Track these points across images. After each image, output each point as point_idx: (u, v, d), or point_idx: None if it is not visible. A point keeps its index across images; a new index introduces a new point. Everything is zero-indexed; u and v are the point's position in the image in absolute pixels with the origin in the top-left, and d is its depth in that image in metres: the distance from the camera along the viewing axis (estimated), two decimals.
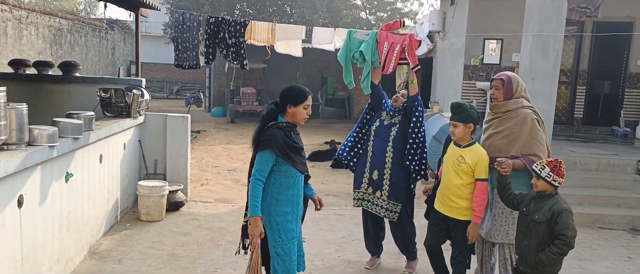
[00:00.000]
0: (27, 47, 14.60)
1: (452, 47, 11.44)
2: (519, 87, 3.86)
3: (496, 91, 3.90)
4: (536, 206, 3.37)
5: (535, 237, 3.35)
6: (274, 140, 3.20)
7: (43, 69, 7.53)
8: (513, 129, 3.76)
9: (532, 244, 3.37)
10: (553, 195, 3.34)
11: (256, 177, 3.18)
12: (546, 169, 3.30)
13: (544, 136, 3.80)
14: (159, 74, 28.28)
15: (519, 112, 3.78)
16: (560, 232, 3.23)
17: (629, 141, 9.78)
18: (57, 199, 4.17)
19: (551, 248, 3.26)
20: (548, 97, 7.38)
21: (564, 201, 3.33)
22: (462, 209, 3.87)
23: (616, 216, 6.58)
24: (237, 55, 7.56)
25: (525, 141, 3.72)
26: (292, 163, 3.28)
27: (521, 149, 3.72)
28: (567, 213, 3.26)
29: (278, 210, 3.29)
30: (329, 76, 19.18)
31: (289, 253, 3.31)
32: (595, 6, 7.28)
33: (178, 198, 6.55)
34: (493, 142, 3.85)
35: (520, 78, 3.96)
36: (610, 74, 10.60)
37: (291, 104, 3.30)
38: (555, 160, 3.33)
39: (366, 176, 4.61)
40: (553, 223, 3.26)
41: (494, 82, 3.92)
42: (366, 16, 23.56)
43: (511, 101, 3.82)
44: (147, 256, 4.96)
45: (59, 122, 4.23)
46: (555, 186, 3.31)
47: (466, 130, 3.80)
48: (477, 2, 10.23)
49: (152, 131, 6.78)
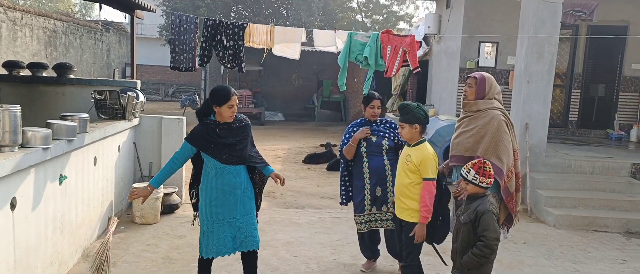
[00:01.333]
0: (21, 49, 14.54)
1: (447, 50, 11.46)
2: (491, 88, 3.84)
3: (469, 88, 3.90)
4: (465, 207, 3.36)
5: (461, 239, 3.32)
6: (192, 134, 3.71)
7: (37, 70, 7.50)
8: (480, 128, 3.75)
9: (459, 247, 3.33)
10: (481, 196, 3.29)
11: (171, 158, 3.76)
12: (472, 172, 3.27)
13: (512, 139, 3.77)
14: (154, 76, 28.24)
15: (488, 112, 3.77)
16: (482, 233, 3.17)
17: (624, 144, 9.83)
18: (51, 201, 4.14)
19: (473, 250, 3.20)
20: (543, 100, 7.42)
21: (490, 203, 3.27)
22: (411, 210, 3.78)
23: (611, 219, 6.59)
24: (235, 58, 7.56)
25: (490, 141, 3.70)
26: (212, 155, 3.65)
27: (486, 150, 3.70)
28: (489, 214, 3.18)
29: (205, 194, 3.76)
30: (325, 78, 19.20)
31: (212, 230, 3.75)
32: (590, 10, 7.33)
33: (173, 201, 6.52)
34: (461, 141, 3.85)
35: (495, 81, 3.94)
36: (604, 77, 10.66)
37: (216, 104, 3.64)
38: (479, 161, 3.29)
39: (368, 198, 4.49)
40: (477, 224, 3.21)
41: (468, 80, 3.93)
42: (362, 19, 23.62)
43: (482, 100, 3.81)
44: (142, 259, 4.93)
45: (53, 124, 4.20)
46: (484, 187, 3.27)
47: (412, 131, 3.72)
48: (472, 5, 10.26)
49: (147, 133, 6.75)
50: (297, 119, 18.98)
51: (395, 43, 7.48)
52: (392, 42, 7.49)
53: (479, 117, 3.79)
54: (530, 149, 7.33)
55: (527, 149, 7.32)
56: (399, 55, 7.34)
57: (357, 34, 7.81)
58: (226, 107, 3.62)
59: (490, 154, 3.68)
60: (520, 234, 6.18)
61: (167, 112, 17.57)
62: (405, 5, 24.30)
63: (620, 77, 10.57)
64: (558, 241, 6.00)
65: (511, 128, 3.82)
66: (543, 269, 5.15)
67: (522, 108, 7.44)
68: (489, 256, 3.21)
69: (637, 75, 10.47)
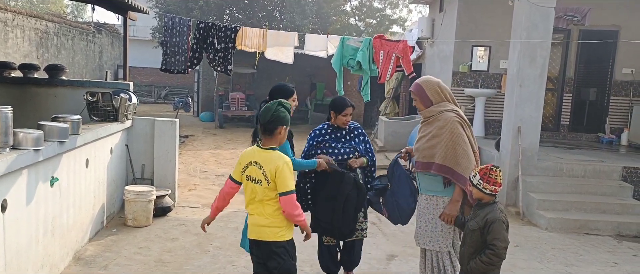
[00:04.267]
0: (12, 50, 14.42)
1: (440, 54, 11.51)
2: (434, 92, 3.75)
3: (414, 101, 3.91)
4: (473, 213, 3.39)
5: (469, 245, 3.35)
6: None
7: (29, 72, 7.44)
8: (434, 133, 3.70)
9: (466, 252, 3.37)
10: (490, 204, 3.31)
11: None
12: (477, 177, 3.29)
13: (468, 138, 3.72)
14: (147, 78, 28.11)
15: (441, 115, 3.72)
16: (491, 242, 3.21)
17: (615, 147, 9.90)
18: (42, 203, 4.11)
19: (482, 257, 3.25)
20: (535, 103, 7.45)
21: (500, 211, 3.30)
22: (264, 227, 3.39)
23: (602, 222, 6.63)
24: (224, 60, 7.55)
25: (447, 147, 3.63)
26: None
27: (444, 156, 3.61)
28: (499, 222, 3.22)
29: None
30: (318, 81, 19.20)
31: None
32: (582, 14, 7.39)
33: (165, 203, 6.48)
34: (419, 147, 3.81)
35: (432, 81, 3.81)
36: (596, 81, 10.74)
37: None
38: (487, 167, 3.28)
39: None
40: (486, 232, 3.24)
41: (412, 94, 3.91)
42: (355, 22, 23.66)
43: (433, 107, 3.78)
44: (134, 262, 4.90)
45: (44, 125, 4.16)
46: (487, 193, 3.27)
47: (279, 137, 3.34)
48: (465, 9, 10.32)
49: (140, 135, 6.71)
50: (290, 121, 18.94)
51: (388, 48, 7.50)
52: (385, 47, 7.51)
53: (433, 121, 3.76)
54: (523, 153, 7.37)
55: (520, 152, 7.36)
56: (392, 60, 7.36)
57: (350, 39, 7.82)
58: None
59: (449, 160, 3.60)
60: (512, 237, 6.17)
61: (159, 114, 17.50)
62: (398, 9, 24.41)
63: (611, 81, 10.65)
64: (550, 244, 6.03)
65: (467, 127, 3.75)
66: (535, 272, 5.17)
67: (514, 112, 7.47)
68: (497, 264, 3.27)
69: (628, 79, 10.56)
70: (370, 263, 5.09)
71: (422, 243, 3.86)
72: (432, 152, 3.69)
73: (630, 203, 7.02)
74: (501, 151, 7.85)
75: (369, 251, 5.16)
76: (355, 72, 7.91)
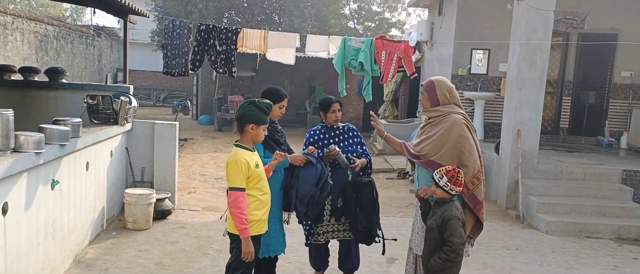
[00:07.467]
0: (12, 53, 14.42)
1: (439, 57, 11.53)
2: (445, 90, 3.72)
3: (422, 97, 3.89)
4: (433, 212, 3.42)
5: (429, 242, 3.39)
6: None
7: (29, 75, 7.44)
8: (441, 134, 3.66)
9: (426, 250, 3.41)
10: (448, 201, 3.36)
11: None
12: (444, 179, 3.31)
13: (474, 143, 3.71)
14: (146, 81, 28.10)
15: (449, 116, 3.69)
16: (448, 239, 3.26)
17: (614, 150, 9.92)
18: (43, 206, 4.10)
19: (439, 254, 3.29)
20: (535, 106, 7.47)
21: (456, 208, 3.34)
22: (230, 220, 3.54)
23: (602, 225, 6.64)
24: (227, 62, 7.55)
25: (453, 148, 3.63)
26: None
27: (450, 158, 3.61)
28: (455, 219, 3.27)
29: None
30: (317, 84, 19.21)
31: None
32: (581, 18, 7.39)
33: (165, 206, 6.48)
34: (423, 148, 3.76)
35: (446, 82, 3.80)
36: (595, 84, 10.76)
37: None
38: (453, 169, 3.34)
39: (328, 209, 4.30)
40: (443, 229, 3.28)
41: (421, 89, 3.92)
42: (354, 26, 23.69)
43: (441, 106, 3.76)
44: (134, 265, 4.89)
45: (45, 128, 4.16)
46: (452, 194, 3.34)
47: (252, 132, 3.42)
48: (464, 12, 10.34)
49: (140, 138, 6.71)
50: (289, 124, 18.95)
51: (389, 49, 7.51)
52: (387, 48, 7.52)
53: (439, 122, 3.71)
54: (522, 156, 7.38)
55: (519, 155, 7.37)
56: (394, 61, 7.37)
57: (351, 40, 7.83)
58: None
59: (456, 162, 3.60)
60: (512, 240, 6.21)
61: (158, 117, 17.51)
62: (397, 13, 24.37)
63: (610, 84, 10.68)
64: (550, 247, 6.03)
65: (473, 131, 3.74)
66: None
67: (514, 115, 7.48)
68: (455, 260, 3.30)
69: (627, 82, 10.59)
70: (371, 266, 5.09)
71: (418, 250, 3.76)
72: (436, 154, 3.69)
73: (630, 206, 7.03)
74: (501, 154, 7.86)
75: (370, 255, 5.15)
76: (357, 73, 7.91)
